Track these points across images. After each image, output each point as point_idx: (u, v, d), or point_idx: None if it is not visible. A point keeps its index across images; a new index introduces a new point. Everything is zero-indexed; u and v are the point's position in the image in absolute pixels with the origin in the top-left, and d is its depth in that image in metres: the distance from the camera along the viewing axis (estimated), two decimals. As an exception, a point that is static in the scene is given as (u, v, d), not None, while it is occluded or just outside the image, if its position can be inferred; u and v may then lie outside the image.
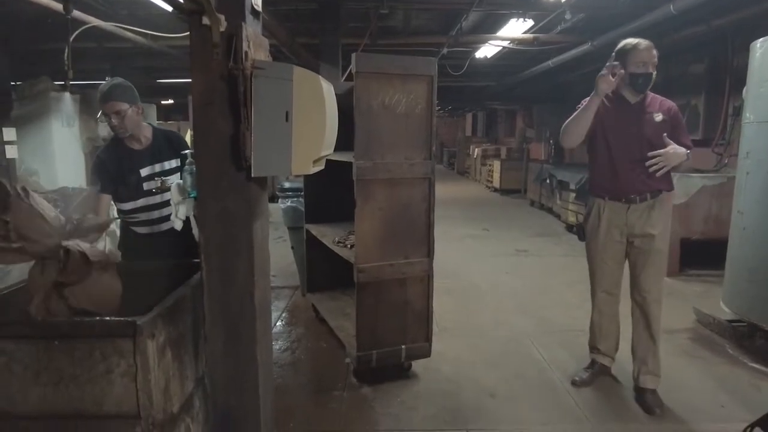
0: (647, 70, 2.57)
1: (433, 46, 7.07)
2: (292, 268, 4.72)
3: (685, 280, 5.02)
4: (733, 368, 3.19)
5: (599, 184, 2.78)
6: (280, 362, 3.25)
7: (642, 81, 2.59)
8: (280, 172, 1.72)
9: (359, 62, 2.55)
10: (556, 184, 8.39)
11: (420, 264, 2.87)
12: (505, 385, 2.96)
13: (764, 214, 3.22)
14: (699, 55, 6.69)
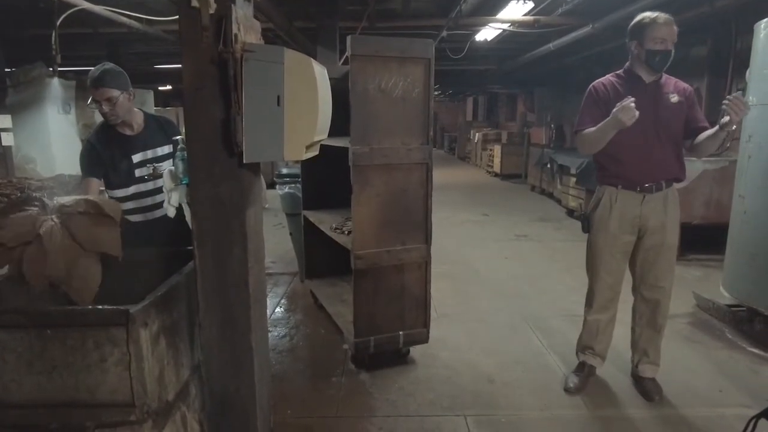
0: (666, 47, 2.38)
1: (433, 29, 6.96)
2: (291, 254, 4.71)
3: (686, 264, 5.00)
4: (732, 353, 3.18)
5: (611, 171, 2.54)
6: (279, 348, 3.25)
7: (660, 59, 2.39)
8: (273, 157, 1.69)
9: (355, 45, 2.50)
10: (556, 169, 8.34)
11: (417, 250, 2.85)
12: (503, 370, 2.96)
13: (765, 199, 3.18)
14: (701, 37, 6.60)
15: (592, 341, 2.73)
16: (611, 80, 2.56)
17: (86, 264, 1.78)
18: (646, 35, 2.40)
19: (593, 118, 2.48)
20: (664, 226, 2.53)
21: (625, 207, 2.52)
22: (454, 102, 24.48)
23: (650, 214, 2.51)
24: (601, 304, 2.67)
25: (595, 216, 2.62)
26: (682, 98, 2.49)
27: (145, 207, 2.54)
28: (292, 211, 4.19)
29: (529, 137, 11.75)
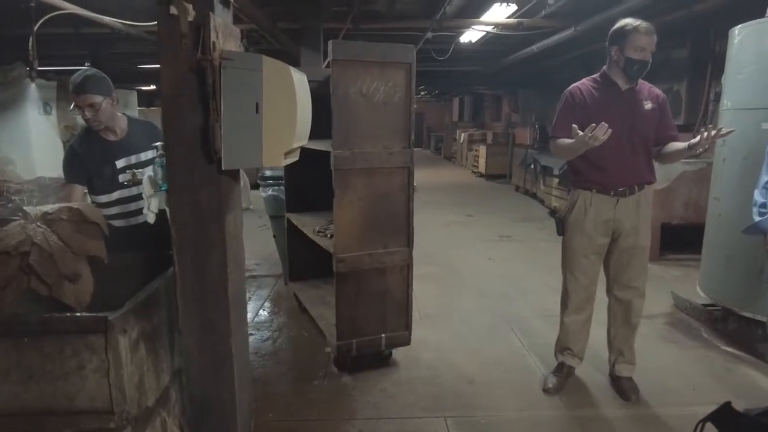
0: (645, 57, 2.41)
1: (417, 31, 6.98)
2: (275, 256, 4.71)
3: (665, 264, 5.09)
4: (707, 351, 3.25)
5: (586, 176, 2.58)
6: (261, 352, 3.26)
7: (638, 68, 2.44)
8: (251, 164, 1.71)
9: (336, 50, 2.52)
10: (540, 170, 8.43)
11: (399, 253, 2.87)
12: (484, 371, 3.00)
13: (739, 201, 3.25)
14: (682, 40, 6.71)
15: (570, 342, 2.78)
16: (587, 85, 2.59)
17: (81, 267, 1.79)
18: (627, 42, 2.43)
19: (569, 123, 2.51)
20: (636, 228, 2.58)
21: (599, 210, 2.57)
22: (440, 102, 24.56)
23: (623, 217, 2.56)
24: (576, 305, 2.72)
25: (569, 219, 2.66)
26: (655, 105, 2.54)
27: (129, 212, 2.53)
28: (275, 214, 4.19)
29: (513, 138, 11.84)
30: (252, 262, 5.14)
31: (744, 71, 3.22)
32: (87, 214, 1.86)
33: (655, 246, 5.08)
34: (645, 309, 2.81)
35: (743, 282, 3.23)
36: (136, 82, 11.73)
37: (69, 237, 1.78)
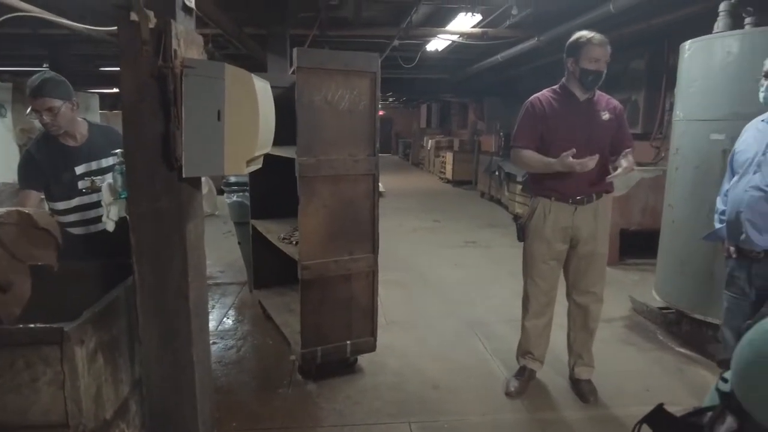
0: (599, 67, 2.50)
1: (385, 38, 7.05)
2: (240, 263, 4.66)
3: (624, 269, 5.25)
4: (662, 353, 3.37)
5: (545, 184, 2.65)
6: (225, 360, 3.22)
7: (592, 78, 2.53)
8: (213, 172, 1.70)
9: (300, 57, 2.53)
10: (504, 176, 8.59)
11: (365, 260, 2.88)
12: (448, 376, 3.04)
13: (691, 209, 3.40)
14: (640, 52, 6.94)
15: (531, 346, 2.84)
16: (547, 96, 2.67)
17: (15, 276, 1.74)
18: (582, 54, 2.52)
19: (529, 133, 2.62)
20: (594, 236, 2.66)
21: (557, 217, 2.64)
22: (408, 109, 24.74)
23: (581, 224, 2.64)
24: (536, 309, 2.78)
25: (530, 225, 2.73)
26: (612, 116, 2.63)
27: (89, 220, 2.47)
28: (240, 220, 4.15)
29: (479, 145, 12.04)
30: (216, 270, 5.08)
31: (694, 84, 3.37)
32: (37, 220, 1.81)
33: (614, 251, 5.24)
34: (604, 312, 2.90)
35: (695, 286, 3.37)
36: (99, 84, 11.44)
37: (12, 242, 1.73)
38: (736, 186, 2.32)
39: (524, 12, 5.79)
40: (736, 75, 3.08)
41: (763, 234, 2.20)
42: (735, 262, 2.37)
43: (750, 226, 2.22)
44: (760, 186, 2.19)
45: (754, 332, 0.63)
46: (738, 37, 3.12)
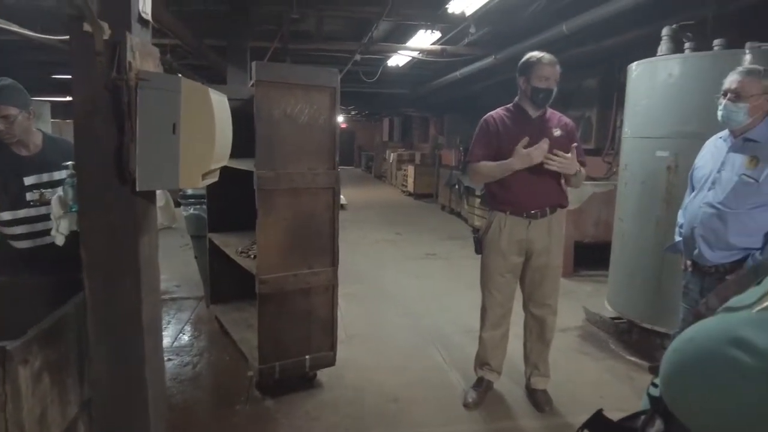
0: (548, 85, 2.60)
1: (346, 53, 7.11)
2: (197, 277, 4.56)
3: (578, 280, 5.41)
4: (614, 362, 3.48)
5: (501, 198, 2.73)
6: (181, 377, 3.14)
7: (542, 96, 2.62)
8: (168, 185, 1.68)
9: (259, 71, 2.53)
10: (463, 190, 8.74)
11: (324, 273, 2.88)
12: (407, 389, 3.05)
13: (639, 223, 3.55)
14: (592, 71, 7.23)
15: (488, 357, 2.89)
16: (501, 114, 2.76)
17: None
18: (532, 73, 2.62)
19: (484, 149, 2.71)
20: (548, 249, 2.74)
21: (512, 231, 2.72)
22: (371, 122, 24.90)
23: (536, 237, 2.71)
24: (493, 321, 2.84)
25: (486, 239, 2.80)
26: (564, 132, 2.72)
27: (37, 233, 2.38)
28: (197, 233, 4.07)
29: (440, 159, 12.21)
30: (172, 284, 4.96)
31: (640, 104, 3.54)
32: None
33: (568, 263, 5.40)
34: (560, 323, 2.98)
35: (644, 297, 3.51)
36: (51, 92, 11.05)
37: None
38: (693, 201, 2.38)
39: (482, 31, 5.96)
40: (678, 95, 3.26)
41: (714, 250, 2.25)
42: (690, 275, 2.43)
43: (702, 242, 2.28)
44: (712, 203, 2.25)
45: (678, 341, 0.68)
46: (679, 61, 3.30)
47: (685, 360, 0.65)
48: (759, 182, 2.13)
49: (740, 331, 0.57)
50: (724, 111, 2.21)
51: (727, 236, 2.21)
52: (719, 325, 0.63)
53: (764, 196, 2.14)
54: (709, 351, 0.61)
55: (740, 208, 2.18)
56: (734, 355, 0.56)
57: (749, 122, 2.18)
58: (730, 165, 2.23)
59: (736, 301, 0.65)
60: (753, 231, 2.17)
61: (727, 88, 2.21)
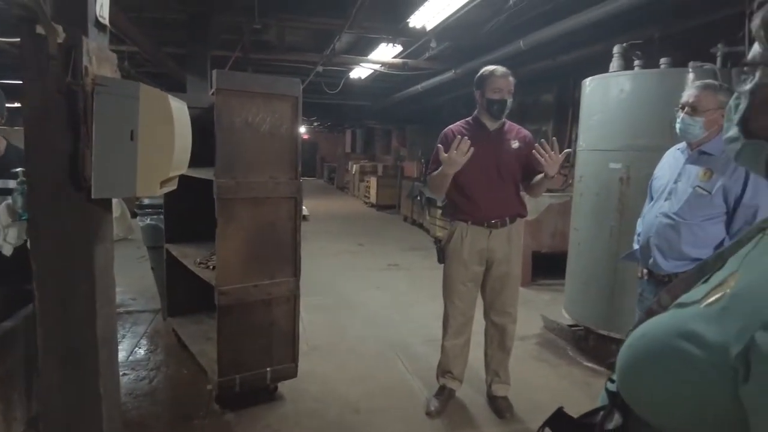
0: (502, 96, 2.66)
1: (308, 64, 7.13)
2: (153, 290, 4.43)
3: (537, 289, 5.53)
4: (572, 368, 3.57)
5: (462, 208, 2.79)
6: (136, 392, 3.04)
7: (497, 107, 2.68)
8: (125, 193, 1.64)
9: (220, 79, 2.51)
10: (425, 201, 8.83)
11: (286, 284, 2.85)
12: (370, 399, 3.04)
13: (594, 232, 3.67)
14: (549, 86, 7.47)
15: (450, 365, 2.91)
16: (460, 127, 2.83)
17: None
18: (486, 86, 2.70)
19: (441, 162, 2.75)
20: (508, 258, 2.80)
21: (473, 240, 2.77)
22: (333, 133, 24.90)
23: (496, 246, 2.77)
24: (455, 329, 2.87)
25: (448, 248, 2.84)
26: (521, 144, 2.80)
27: None
28: (153, 244, 3.97)
29: (402, 170, 12.31)
30: (128, 297, 4.80)
31: (593, 118, 3.68)
32: None
33: (527, 272, 5.52)
34: (519, 331, 3.03)
35: (599, 304, 3.62)
36: (-4, 99, 10.57)
37: None
38: (650, 211, 2.43)
39: (442, 45, 6.08)
40: (629, 110, 3.40)
41: (668, 259, 2.30)
42: (645, 282, 2.48)
43: (657, 251, 2.33)
44: (668, 213, 2.29)
45: (632, 337, 0.71)
46: (629, 77, 3.45)
47: (639, 354, 0.68)
48: (711, 194, 2.17)
49: (690, 324, 0.60)
50: (682, 124, 2.25)
51: (680, 246, 2.25)
52: (670, 321, 0.66)
53: (716, 208, 2.18)
54: (661, 345, 0.64)
55: (693, 219, 2.22)
56: (684, 347, 0.59)
57: (705, 135, 2.22)
58: (686, 176, 2.28)
59: (685, 298, 0.68)
60: (704, 242, 2.21)
61: (684, 101, 2.25)
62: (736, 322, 0.54)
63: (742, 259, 0.63)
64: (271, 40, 6.74)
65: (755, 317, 0.52)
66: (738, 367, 0.52)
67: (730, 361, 0.53)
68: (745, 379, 0.52)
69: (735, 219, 2.17)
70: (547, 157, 2.52)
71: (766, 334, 0.50)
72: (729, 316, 0.56)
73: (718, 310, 0.58)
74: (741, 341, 0.52)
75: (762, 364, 0.50)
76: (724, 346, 0.54)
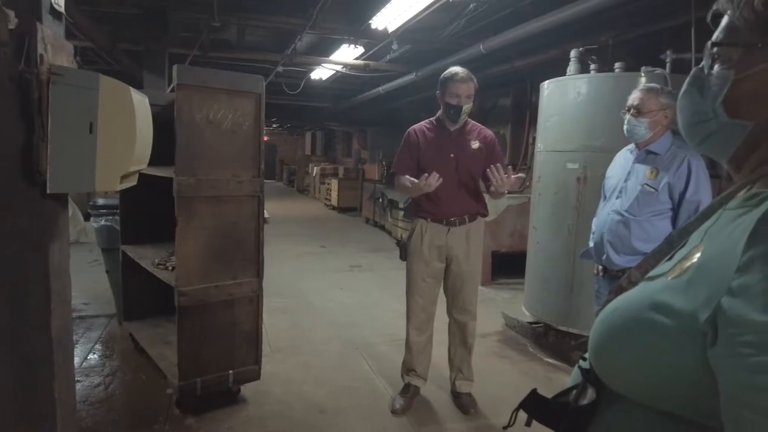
0: (459, 102, 2.70)
1: (269, 64, 7.04)
2: (108, 294, 4.27)
3: (497, 288, 5.63)
4: (533, 364, 3.65)
5: (422, 206, 2.83)
6: (91, 399, 2.92)
7: (452, 112, 2.74)
8: (83, 188, 1.58)
9: (181, 74, 2.45)
10: (387, 203, 8.86)
11: (249, 284, 2.80)
12: (334, 399, 3.02)
13: (552, 230, 3.77)
14: (507, 90, 7.63)
15: (414, 363, 2.94)
16: (423, 127, 2.89)
17: None
18: (446, 89, 2.75)
19: (405, 161, 2.85)
20: (467, 255, 2.85)
21: (433, 237, 2.82)
22: (293, 136, 24.68)
23: (454, 244, 2.82)
24: (416, 325, 2.90)
25: (409, 245, 2.89)
26: (482, 145, 2.85)
27: None
28: (108, 246, 3.82)
29: (363, 173, 12.32)
30: (80, 302, 4.61)
31: (551, 120, 3.78)
32: None
33: (487, 272, 5.62)
34: (480, 328, 3.08)
35: (558, 300, 3.72)
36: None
37: None
38: (603, 210, 2.56)
39: (404, 48, 6.13)
40: (585, 112, 3.52)
41: (621, 255, 2.43)
42: (601, 279, 2.60)
43: (610, 247, 2.45)
44: (619, 211, 2.43)
45: (604, 312, 0.74)
46: (585, 80, 3.57)
47: (611, 328, 0.70)
48: (658, 191, 2.33)
49: (658, 296, 0.63)
50: (628, 125, 2.41)
51: (631, 241, 2.39)
52: (640, 294, 0.69)
53: (662, 204, 2.35)
54: (632, 317, 0.66)
55: (642, 216, 2.37)
56: (655, 318, 0.62)
57: (651, 136, 2.38)
58: (634, 175, 2.43)
59: (653, 273, 0.71)
60: (653, 237, 2.34)
61: (630, 104, 2.41)
62: (703, 291, 0.57)
63: (704, 233, 0.66)
64: (231, 38, 6.63)
65: (720, 285, 0.54)
66: (707, 330, 0.55)
67: (700, 326, 0.56)
68: (713, 342, 0.54)
69: (680, 214, 2.33)
70: (498, 178, 2.59)
71: (730, 299, 0.53)
72: (695, 286, 0.59)
73: (685, 281, 0.61)
74: (709, 307, 0.55)
75: (729, 326, 0.52)
76: (693, 314, 0.57)
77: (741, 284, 0.52)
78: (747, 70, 0.63)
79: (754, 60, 0.63)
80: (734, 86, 0.65)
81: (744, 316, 0.51)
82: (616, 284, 0.79)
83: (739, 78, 0.64)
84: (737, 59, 0.64)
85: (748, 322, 0.50)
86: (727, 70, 0.65)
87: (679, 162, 2.32)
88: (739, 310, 0.52)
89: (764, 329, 0.49)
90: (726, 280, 0.54)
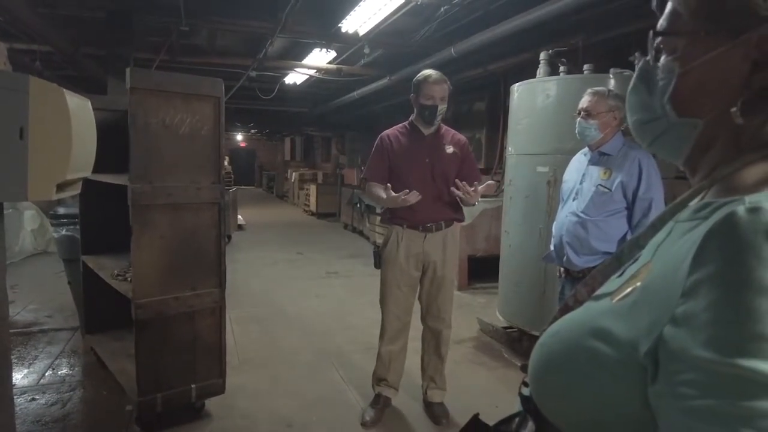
0: (434, 103, 2.65)
1: (241, 68, 6.94)
2: (72, 306, 4.12)
3: (472, 292, 5.59)
4: (507, 370, 3.60)
5: (397, 212, 2.74)
6: (45, 419, 2.78)
7: (428, 113, 2.68)
8: (13, 197, 1.48)
9: (134, 78, 2.36)
10: (364, 208, 8.79)
11: (210, 295, 2.70)
12: (303, 412, 2.93)
13: (523, 234, 3.73)
14: (481, 94, 7.63)
15: (386, 372, 2.86)
16: (396, 131, 2.82)
17: None
18: (420, 91, 2.70)
19: (376, 167, 2.78)
20: (443, 262, 2.78)
21: (409, 244, 2.74)
22: (272, 141, 24.49)
23: (431, 250, 2.75)
24: (390, 335, 2.82)
25: (385, 252, 2.81)
26: (456, 149, 2.80)
27: None
28: (70, 257, 3.68)
29: (342, 178, 12.23)
30: (43, 314, 4.46)
31: (521, 122, 3.75)
32: None
33: (463, 276, 5.57)
34: (455, 334, 3.01)
35: (530, 305, 3.68)
36: None
37: None
38: (561, 212, 2.60)
39: (376, 52, 6.07)
40: (554, 115, 3.49)
41: (580, 255, 2.46)
42: (564, 280, 2.61)
43: (569, 249, 2.48)
44: (576, 212, 2.47)
45: (546, 335, 0.66)
46: (555, 82, 3.55)
47: (550, 355, 0.63)
48: (612, 191, 2.37)
49: (600, 321, 0.56)
50: (579, 127, 2.47)
51: (590, 242, 2.42)
52: (582, 317, 0.61)
53: (617, 204, 2.39)
54: (572, 344, 0.59)
55: (598, 216, 2.41)
56: (594, 345, 0.54)
57: (602, 137, 2.43)
58: (589, 177, 2.47)
59: (600, 291, 0.64)
60: (610, 236, 2.40)
61: (580, 107, 2.47)
62: (646, 317, 0.50)
63: (656, 248, 0.58)
64: (201, 43, 6.51)
65: (663, 311, 0.47)
66: (647, 365, 0.48)
67: (640, 359, 0.49)
68: (654, 379, 0.47)
69: (634, 212, 2.38)
70: (465, 191, 2.59)
71: (673, 329, 0.46)
72: (639, 310, 0.51)
73: (629, 304, 0.53)
74: (650, 337, 0.48)
75: (670, 361, 0.45)
76: (634, 343, 0.50)
77: (685, 312, 0.45)
78: (692, 61, 0.57)
79: (698, 50, 0.57)
80: (680, 80, 0.59)
81: (687, 351, 0.44)
82: (563, 302, 0.72)
83: (686, 71, 0.58)
84: (681, 50, 0.59)
85: (690, 358, 0.43)
86: (672, 61, 0.59)
87: (631, 161, 2.37)
88: (681, 342, 0.44)
89: (708, 367, 0.42)
90: (670, 306, 0.47)
